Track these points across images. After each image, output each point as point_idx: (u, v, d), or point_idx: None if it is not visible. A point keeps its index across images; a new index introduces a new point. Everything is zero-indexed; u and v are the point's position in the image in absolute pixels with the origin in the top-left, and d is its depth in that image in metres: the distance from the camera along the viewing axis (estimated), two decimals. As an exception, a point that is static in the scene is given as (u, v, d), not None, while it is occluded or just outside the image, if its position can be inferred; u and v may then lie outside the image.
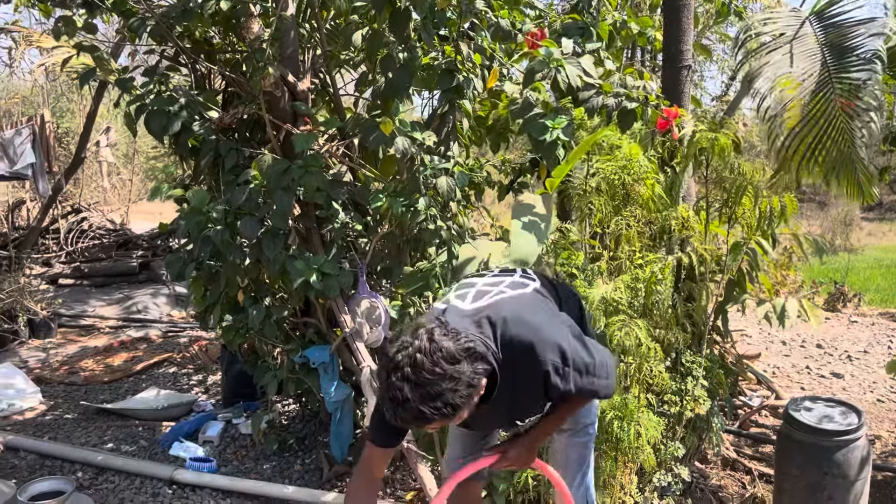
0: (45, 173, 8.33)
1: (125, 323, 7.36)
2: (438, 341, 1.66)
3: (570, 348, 1.92)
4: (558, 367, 1.89)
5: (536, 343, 1.88)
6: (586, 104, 3.31)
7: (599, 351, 2.03)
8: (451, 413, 1.68)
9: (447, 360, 1.65)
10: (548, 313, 2.01)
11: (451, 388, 1.65)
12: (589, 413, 2.40)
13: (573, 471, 2.42)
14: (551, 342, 1.90)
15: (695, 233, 3.50)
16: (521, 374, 1.90)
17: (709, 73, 23.68)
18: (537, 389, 1.93)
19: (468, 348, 1.70)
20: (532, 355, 1.87)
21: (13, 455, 4.04)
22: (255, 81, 3.39)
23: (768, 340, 6.89)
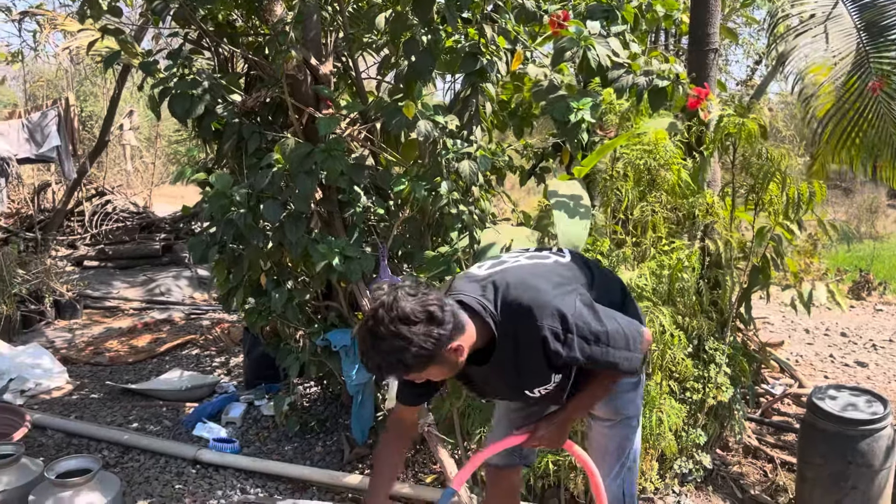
0: (70, 156, 8.42)
1: (149, 305, 7.45)
2: (398, 300, 1.73)
3: (574, 314, 1.89)
4: (558, 333, 1.88)
5: (535, 307, 1.88)
6: (616, 83, 3.25)
7: (619, 321, 1.97)
8: (403, 370, 1.78)
9: (401, 321, 1.72)
10: (555, 281, 1.98)
11: (402, 346, 1.72)
12: (630, 404, 2.29)
13: (610, 462, 2.35)
14: (551, 307, 1.89)
15: (719, 219, 3.46)
16: (521, 340, 1.91)
17: (734, 57, 23.35)
18: (538, 356, 1.92)
19: (428, 312, 1.74)
20: (530, 319, 1.88)
21: (40, 433, 4.12)
22: (277, 64, 3.39)
23: (791, 328, 6.82)
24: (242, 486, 3.56)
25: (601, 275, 2.20)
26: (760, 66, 10.15)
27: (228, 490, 3.52)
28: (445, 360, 1.82)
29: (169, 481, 3.61)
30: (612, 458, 2.34)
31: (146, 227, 9.38)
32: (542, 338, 1.88)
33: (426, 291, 1.79)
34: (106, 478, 3.21)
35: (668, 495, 3.42)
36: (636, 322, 2.04)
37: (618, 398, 2.27)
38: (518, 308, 1.89)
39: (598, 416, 2.33)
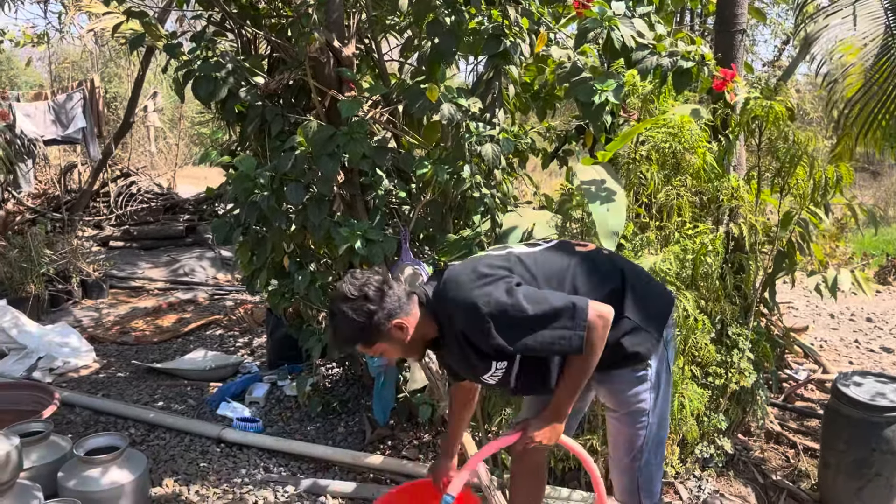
0: (95, 137, 8.51)
1: (173, 285, 7.54)
2: (341, 284, 2.04)
3: (489, 303, 1.97)
4: (474, 326, 2.00)
5: (455, 302, 2.04)
6: (640, 65, 3.21)
7: (551, 301, 1.99)
8: (348, 342, 2.06)
9: (339, 299, 2.02)
10: (480, 272, 2.06)
11: (342, 320, 2.01)
12: (636, 398, 2.22)
13: (617, 454, 2.32)
14: (465, 302, 2.01)
15: (744, 203, 3.42)
16: (451, 331, 2.09)
17: (761, 37, 22.95)
18: (466, 348, 2.07)
19: (362, 291, 2.00)
20: (453, 314, 2.06)
21: (69, 411, 4.20)
22: (300, 47, 3.39)
23: (816, 313, 6.75)
24: (266, 465, 3.62)
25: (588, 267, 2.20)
26: (788, 46, 9.97)
27: (252, 469, 3.58)
28: (390, 338, 2.05)
29: (194, 459, 3.67)
30: (620, 450, 2.30)
31: (170, 208, 9.48)
32: (459, 331, 2.05)
33: (370, 276, 2.03)
34: (133, 455, 3.27)
35: (689, 480, 3.42)
36: (582, 299, 2.01)
37: (622, 391, 2.22)
38: (444, 303, 2.08)
39: (608, 407, 2.31)
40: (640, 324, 2.15)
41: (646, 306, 2.17)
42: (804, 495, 3.47)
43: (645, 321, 2.16)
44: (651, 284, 2.29)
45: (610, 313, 2.01)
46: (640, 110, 3.26)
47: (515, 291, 1.99)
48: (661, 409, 2.28)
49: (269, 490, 3.38)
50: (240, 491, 3.38)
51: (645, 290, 2.21)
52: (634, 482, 2.33)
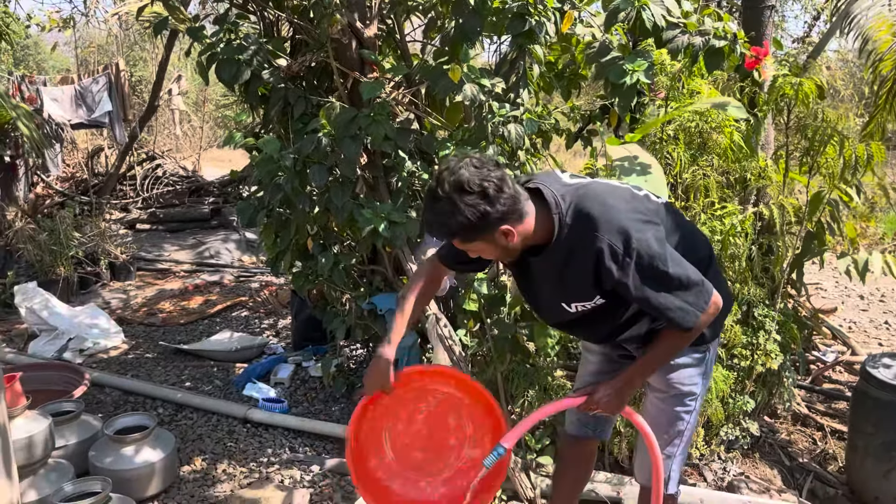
0: (121, 121, 8.59)
1: (198, 267, 7.62)
2: (460, 168, 1.83)
3: (641, 241, 1.85)
4: (616, 252, 1.85)
5: (603, 220, 1.87)
6: (671, 44, 3.15)
7: (687, 270, 1.90)
8: (447, 234, 1.90)
9: (454, 188, 1.81)
10: (635, 207, 1.94)
11: (450, 211, 1.82)
12: (688, 379, 2.20)
13: (658, 433, 2.22)
14: (620, 225, 1.86)
15: (772, 183, 3.37)
16: (578, 246, 1.90)
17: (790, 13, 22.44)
18: (588, 268, 1.90)
19: (482, 187, 1.81)
20: (594, 230, 1.87)
21: (99, 391, 4.27)
22: (322, 28, 3.37)
23: (845, 294, 6.65)
24: (291, 445, 3.66)
25: (689, 229, 2.14)
26: (819, 21, 9.74)
27: (277, 448, 3.62)
28: (493, 240, 1.88)
29: (221, 439, 3.72)
30: (660, 431, 2.23)
31: (195, 190, 9.55)
32: (598, 249, 1.86)
33: (491, 168, 1.84)
34: (162, 434, 3.33)
35: (714, 462, 3.41)
36: (709, 282, 1.94)
37: (676, 370, 2.19)
38: (587, 216, 1.89)
39: (653, 386, 2.27)
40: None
41: (720, 288, 2.09)
42: (831, 478, 3.43)
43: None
44: (720, 273, 2.24)
45: (720, 303, 1.97)
46: (668, 89, 3.22)
47: (665, 244, 1.91)
48: (703, 397, 2.28)
49: (294, 469, 3.42)
50: (266, 470, 3.42)
51: (717, 275, 2.16)
52: (668, 467, 2.29)
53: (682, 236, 2.05)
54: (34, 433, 2.88)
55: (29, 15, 9.04)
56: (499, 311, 3.35)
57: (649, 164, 2.82)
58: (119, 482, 2.95)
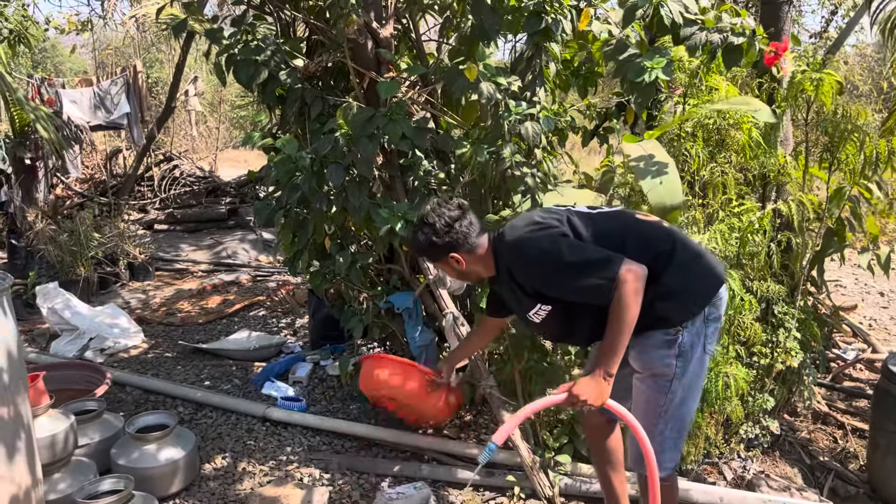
0: (139, 122, 8.66)
1: (216, 267, 7.67)
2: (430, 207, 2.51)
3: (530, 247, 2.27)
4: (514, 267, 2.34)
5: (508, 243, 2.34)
6: (688, 41, 3.14)
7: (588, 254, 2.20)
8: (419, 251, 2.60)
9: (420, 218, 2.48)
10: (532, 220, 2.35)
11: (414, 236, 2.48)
12: (660, 361, 2.29)
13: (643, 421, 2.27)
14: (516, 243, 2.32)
15: (791, 179, 3.34)
16: (503, 268, 2.40)
17: (807, 8, 22.24)
18: (514, 283, 2.36)
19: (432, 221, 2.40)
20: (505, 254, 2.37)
21: (120, 390, 4.32)
22: (338, 28, 3.39)
23: (865, 291, 6.59)
24: (310, 443, 3.68)
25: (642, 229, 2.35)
26: (836, 16, 9.64)
27: (296, 446, 3.64)
28: (447, 263, 2.44)
29: (240, 437, 3.75)
30: (639, 414, 2.31)
31: (212, 191, 9.62)
32: (507, 269, 2.37)
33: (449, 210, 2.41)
34: (182, 433, 3.36)
35: (734, 460, 3.39)
36: (617, 255, 2.16)
37: (648, 352, 2.31)
38: (500, 244, 2.39)
39: (635, 371, 2.39)
40: (676, 291, 2.25)
41: (688, 277, 2.27)
42: (852, 476, 3.41)
43: (682, 290, 2.26)
44: (701, 260, 2.32)
45: (641, 270, 2.14)
46: (686, 86, 3.20)
47: (559, 241, 2.23)
48: (690, 383, 2.33)
49: (313, 467, 3.44)
50: (285, 468, 3.44)
51: (692, 263, 2.29)
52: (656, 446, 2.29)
53: (632, 236, 2.29)
54: (57, 432, 2.92)
55: (47, 18, 9.14)
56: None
57: (666, 164, 2.80)
58: (141, 480, 2.97)
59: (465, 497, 3.20)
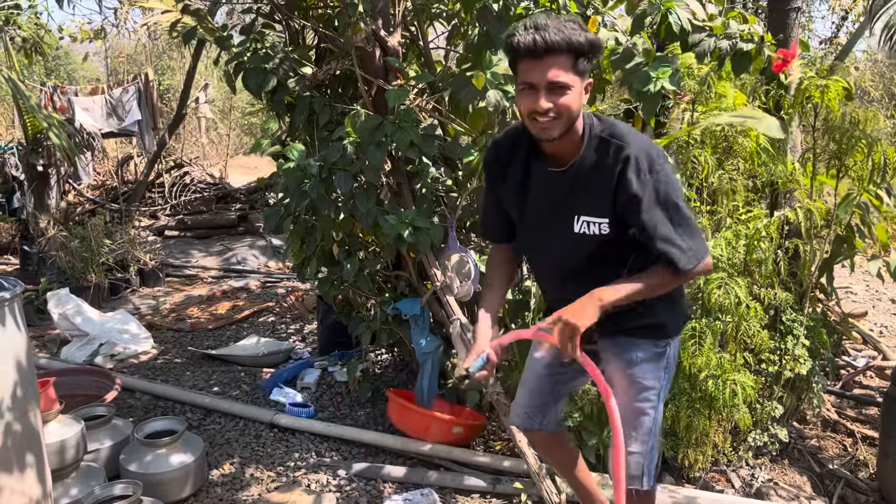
0: (150, 129, 8.73)
1: (226, 273, 7.71)
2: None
3: (664, 166, 1.91)
4: (641, 165, 1.89)
5: (633, 139, 1.92)
6: (697, 48, 3.14)
7: (696, 226, 1.99)
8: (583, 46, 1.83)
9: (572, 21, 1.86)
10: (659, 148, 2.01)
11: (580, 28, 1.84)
12: (650, 374, 2.15)
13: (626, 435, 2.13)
14: (647, 147, 1.92)
15: (800, 186, 3.33)
16: (605, 155, 1.92)
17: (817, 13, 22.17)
18: (610, 178, 1.91)
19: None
20: (623, 141, 1.91)
21: (129, 395, 4.34)
22: (346, 37, 3.41)
23: (875, 298, 6.55)
24: (318, 450, 3.69)
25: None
26: (847, 22, 9.61)
27: (304, 453, 3.65)
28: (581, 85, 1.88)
29: (248, 443, 3.76)
30: (628, 428, 2.14)
31: (222, 197, 9.68)
32: (625, 158, 1.89)
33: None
34: (190, 439, 3.37)
35: (742, 468, 3.37)
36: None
37: (637, 365, 2.13)
38: (619, 133, 1.93)
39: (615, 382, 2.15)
40: (676, 299, 2.16)
41: (682, 289, 2.22)
42: (862, 485, 3.38)
43: (679, 299, 2.20)
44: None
45: (711, 267, 2.02)
46: (695, 93, 3.20)
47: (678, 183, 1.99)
48: (665, 396, 2.25)
49: (321, 473, 3.45)
50: (293, 474, 3.45)
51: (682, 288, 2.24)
52: (641, 464, 2.20)
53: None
54: (67, 437, 2.94)
55: (60, 27, 9.23)
56: (523, 317, 3.35)
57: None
58: (150, 486, 2.99)
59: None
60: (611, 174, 1.91)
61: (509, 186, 2.13)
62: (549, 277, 2.26)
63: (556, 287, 2.24)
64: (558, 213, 2.04)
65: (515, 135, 2.11)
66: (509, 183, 2.13)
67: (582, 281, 2.00)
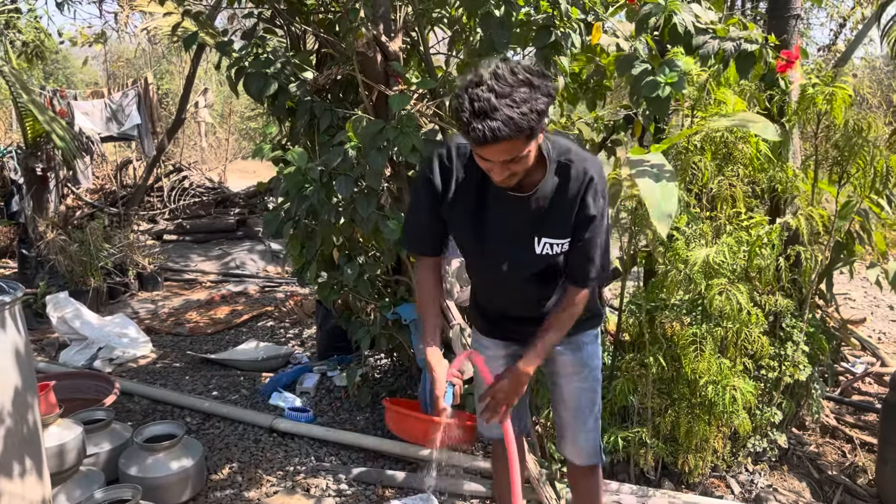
0: (149, 134, 8.74)
1: (224, 278, 7.71)
2: (514, 61, 1.81)
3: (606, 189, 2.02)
4: (598, 186, 1.98)
5: (589, 158, 2.00)
6: (701, 50, 3.14)
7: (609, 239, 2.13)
8: (536, 120, 1.74)
9: (526, 70, 1.75)
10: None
11: (533, 96, 1.73)
12: (594, 356, 2.38)
13: (583, 417, 2.38)
14: (599, 167, 1.99)
15: (800, 193, 3.34)
16: (565, 180, 1.97)
17: (816, 21, 22.27)
18: (574, 198, 1.98)
19: (539, 69, 1.78)
20: (581, 164, 1.97)
21: (128, 400, 4.34)
22: (348, 42, 3.42)
23: (874, 304, 6.56)
24: (317, 455, 3.68)
25: None
26: (845, 29, 9.65)
27: (304, 457, 3.65)
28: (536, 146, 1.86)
29: (247, 448, 3.76)
30: (586, 412, 2.37)
31: (221, 202, 9.68)
32: (588, 180, 1.96)
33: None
34: (190, 443, 3.37)
35: (741, 474, 3.37)
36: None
37: (584, 349, 2.33)
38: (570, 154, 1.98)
39: (567, 372, 2.35)
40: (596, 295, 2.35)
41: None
42: (861, 491, 3.39)
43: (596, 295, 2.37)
44: None
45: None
46: (694, 99, 3.21)
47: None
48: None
49: (321, 478, 3.44)
50: (293, 479, 3.45)
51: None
52: (596, 441, 2.42)
53: None
54: (66, 441, 2.93)
55: (59, 31, 9.23)
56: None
57: (673, 173, 2.81)
58: (149, 490, 2.99)
59: (471, 509, 3.20)
60: (574, 197, 1.98)
61: (459, 204, 2.08)
62: (496, 290, 2.29)
63: (500, 296, 2.30)
64: (518, 235, 2.07)
65: (464, 154, 2.06)
66: (458, 200, 2.08)
67: (528, 290, 2.18)
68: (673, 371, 3.10)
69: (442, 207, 2.10)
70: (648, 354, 3.05)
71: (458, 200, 2.08)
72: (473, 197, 2.06)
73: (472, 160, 1.99)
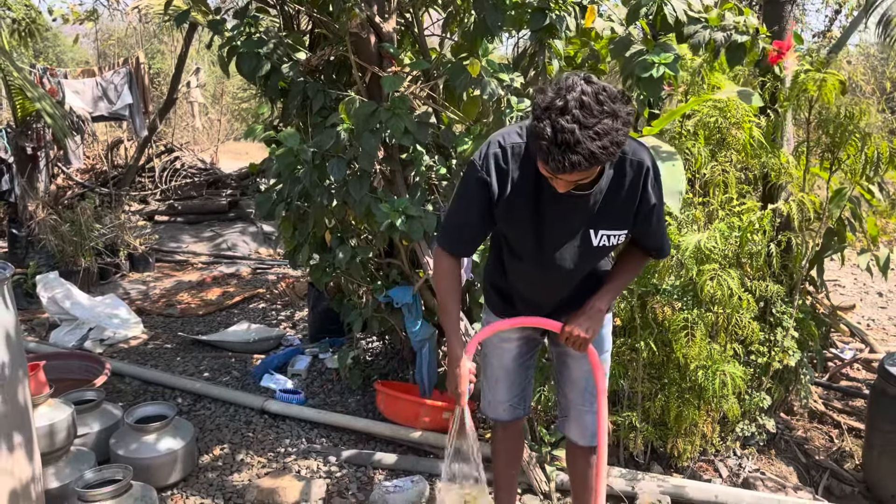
0: (141, 113, 8.66)
1: (216, 259, 7.68)
2: (598, 83, 1.73)
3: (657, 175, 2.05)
4: (654, 174, 2.01)
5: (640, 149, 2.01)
6: (692, 39, 3.13)
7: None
8: (615, 153, 1.73)
9: (611, 99, 1.70)
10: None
11: (615, 127, 1.70)
12: (608, 338, 2.43)
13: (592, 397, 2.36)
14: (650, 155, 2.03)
15: (793, 179, 3.35)
16: (623, 174, 1.98)
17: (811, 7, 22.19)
18: (633, 196, 2.01)
19: (621, 94, 1.75)
20: (636, 156, 1.98)
21: (119, 380, 4.33)
22: (341, 22, 3.39)
23: (863, 291, 6.60)
24: (308, 436, 3.69)
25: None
26: (840, 15, 9.63)
27: (294, 439, 3.66)
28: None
29: (238, 429, 3.76)
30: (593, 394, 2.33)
31: (213, 183, 9.63)
32: (645, 171, 1.98)
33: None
34: (181, 424, 3.37)
35: (730, 458, 3.40)
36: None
37: (607, 326, 2.37)
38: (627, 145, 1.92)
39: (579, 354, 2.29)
40: None
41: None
42: (848, 476, 3.42)
43: None
44: None
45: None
46: (687, 84, 3.20)
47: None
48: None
49: (311, 460, 3.46)
50: (284, 460, 3.46)
51: None
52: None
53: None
54: (57, 421, 2.93)
55: (50, 9, 9.12)
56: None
57: (675, 153, 2.82)
58: (139, 470, 2.99)
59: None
60: (634, 189, 2.00)
61: (516, 205, 2.03)
62: (540, 282, 2.22)
63: (542, 287, 2.24)
64: (577, 230, 2.06)
65: (519, 154, 2.01)
66: (515, 201, 2.02)
67: (573, 280, 2.19)
68: (663, 356, 3.12)
69: (497, 209, 2.05)
70: (639, 339, 3.06)
71: (515, 201, 2.03)
72: (531, 197, 2.02)
73: (526, 159, 1.98)
